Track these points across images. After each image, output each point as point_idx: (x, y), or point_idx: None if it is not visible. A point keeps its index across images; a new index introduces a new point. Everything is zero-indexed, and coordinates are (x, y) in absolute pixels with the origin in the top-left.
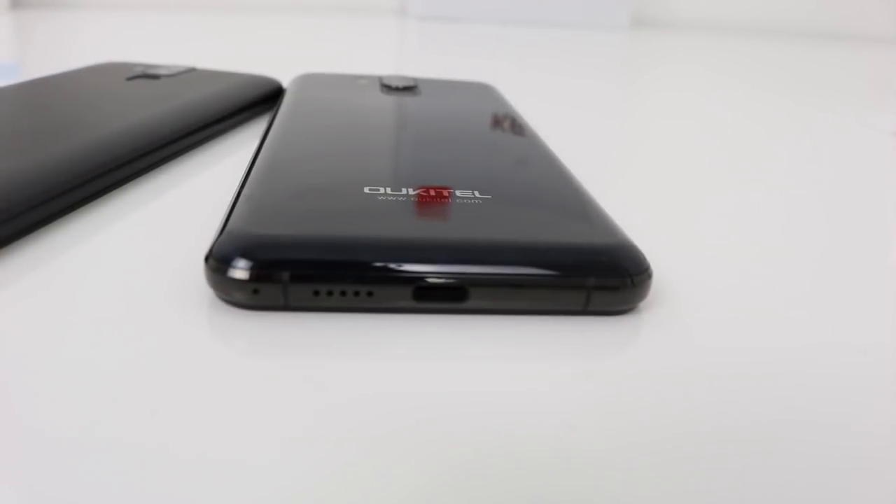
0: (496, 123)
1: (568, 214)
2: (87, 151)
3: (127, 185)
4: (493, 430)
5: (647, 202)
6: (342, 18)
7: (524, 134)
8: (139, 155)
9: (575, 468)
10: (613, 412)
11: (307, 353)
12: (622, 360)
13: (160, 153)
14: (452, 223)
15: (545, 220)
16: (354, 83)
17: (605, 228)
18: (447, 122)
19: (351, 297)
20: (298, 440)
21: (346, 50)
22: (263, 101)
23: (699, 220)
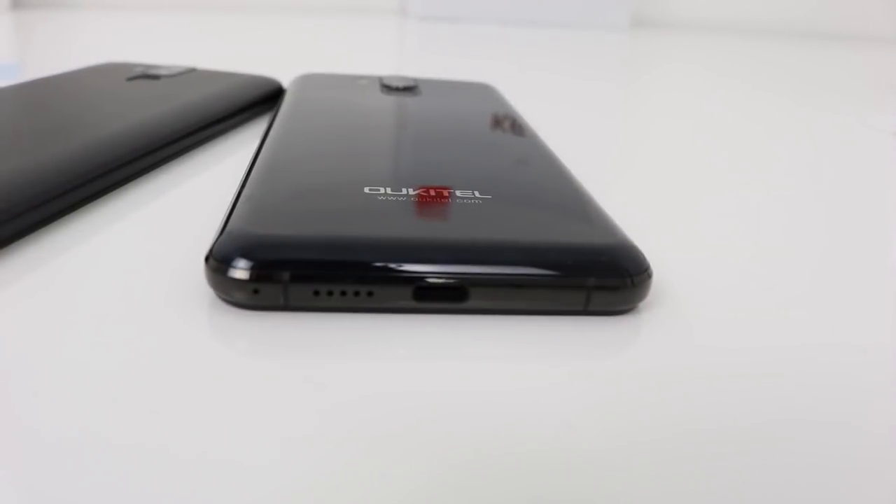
0: (496, 123)
1: (568, 214)
2: (87, 152)
3: (127, 185)
4: (493, 430)
5: (647, 202)
6: (342, 19)
7: (524, 134)
8: (139, 155)
9: (575, 468)
10: (613, 412)
11: (307, 353)
12: (622, 360)
13: (160, 153)
14: (452, 223)
15: (545, 220)
16: (354, 83)
17: (604, 228)
18: (447, 122)
19: (351, 297)
20: (298, 440)
21: (346, 50)
22: (263, 101)
23: (699, 220)
